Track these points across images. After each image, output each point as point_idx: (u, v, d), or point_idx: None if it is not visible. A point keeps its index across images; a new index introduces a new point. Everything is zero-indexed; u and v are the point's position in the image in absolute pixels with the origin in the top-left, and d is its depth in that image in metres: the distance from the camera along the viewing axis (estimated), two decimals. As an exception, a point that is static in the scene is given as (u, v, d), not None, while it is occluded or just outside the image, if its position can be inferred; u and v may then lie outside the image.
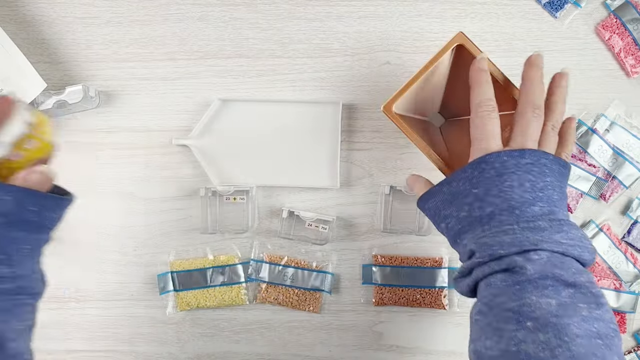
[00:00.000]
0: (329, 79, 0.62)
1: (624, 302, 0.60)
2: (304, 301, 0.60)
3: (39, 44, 0.62)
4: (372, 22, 0.62)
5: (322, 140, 0.60)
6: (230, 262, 0.61)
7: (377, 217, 0.61)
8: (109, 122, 0.62)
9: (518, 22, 0.62)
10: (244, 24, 0.62)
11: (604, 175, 0.61)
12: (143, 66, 0.62)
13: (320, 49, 0.62)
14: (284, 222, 0.60)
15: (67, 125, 0.62)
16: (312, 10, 0.62)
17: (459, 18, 0.62)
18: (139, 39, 0.62)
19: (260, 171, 0.61)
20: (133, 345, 0.61)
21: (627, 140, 0.61)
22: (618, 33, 0.61)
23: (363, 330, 0.61)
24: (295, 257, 0.61)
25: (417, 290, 0.60)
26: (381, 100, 0.61)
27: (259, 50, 0.62)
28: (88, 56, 0.62)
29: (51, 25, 0.62)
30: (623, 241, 0.61)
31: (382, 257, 0.60)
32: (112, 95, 0.62)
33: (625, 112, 0.61)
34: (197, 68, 0.62)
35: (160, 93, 0.62)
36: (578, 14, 0.62)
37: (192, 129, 0.61)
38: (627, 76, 0.61)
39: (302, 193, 0.61)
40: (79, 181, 0.61)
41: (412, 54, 0.62)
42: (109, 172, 0.62)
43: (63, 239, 0.61)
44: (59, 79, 0.62)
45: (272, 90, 0.62)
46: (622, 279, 0.60)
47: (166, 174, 0.62)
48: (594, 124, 0.61)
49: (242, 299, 0.61)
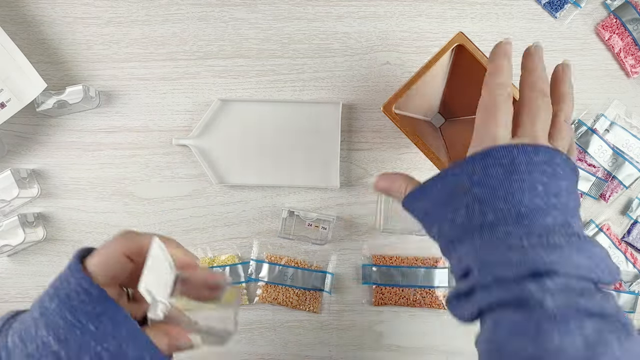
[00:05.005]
0: (329, 79, 0.62)
1: (624, 302, 0.60)
2: (304, 301, 0.60)
3: (39, 44, 0.62)
4: (372, 22, 0.62)
5: (322, 140, 0.60)
6: (230, 262, 0.61)
7: (377, 217, 0.61)
8: (109, 122, 0.62)
9: (518, 22, 0.62)
10: (244, 24, 0.62)
11: (604, 175, 0.61)
12: (143, 66, 0.62)
13: (320, 49, 0.62)
14: (284, 222, 0.60)
15: (67, 125, 0.62)
16: (312, 10, 0.62)
17: (459, 18, 0.62)
18: (139, 39, 0.62)
19: (260, 171, 0.61)
20: (133, 345, 0.61)
21: (627, 140, 0.61)
22: (618, 33, 0.61)
23: (363, 330, 0.61)
24: (295, 257, 0.61)
25: (417, 290, 0.60)
26: (381, 100, 0.61)
27: (259, 50, 0.62)
28: (88, 56, 0.62)
29: (51, 25, 0.62)
30: (623, 241, 0.61)
31: (382, 257, 0.60)
32: (112, 95, 0.62)
33: (625, 112, 0.61)
34: (197, 68, 0.62)
35: (160, 93, 0.62)
36: (578, 14, 0.62)
37: (192, 129, 0.61)
38: (627, 76, 0.62)
39: (302, 193, 0.61)
40: (79, 181, 0.62)
41: (412, 54, 0.62)
42: (109, 172, 0.62)
43: (64, 239, 0.61)
44: (59, 79, 0.62)
45: (272, 90, 0.62)
46: (622, 279, 0.60)
47: (166, 174, 0.62)
48: (593, 124, 0.61)
49: (242, 299, 0.61)
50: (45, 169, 0.62)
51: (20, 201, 0.60)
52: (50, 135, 0.62)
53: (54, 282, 0.32)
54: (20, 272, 0.61)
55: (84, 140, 0.62)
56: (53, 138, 0.62)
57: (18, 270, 0.61)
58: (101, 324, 0.31)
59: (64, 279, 0.32)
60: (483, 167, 0.32)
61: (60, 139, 0.62)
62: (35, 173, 0.61)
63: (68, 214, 0.61)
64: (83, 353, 0.30)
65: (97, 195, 0.62)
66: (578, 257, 0.30)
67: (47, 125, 0.62)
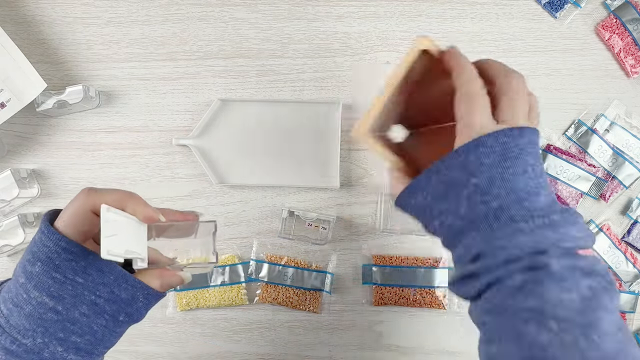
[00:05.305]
0: (329, 79, 0.62)
1: (624, 302, 0.60)
2: (304, 301, 0.60)
3: (39, 44, 0.62)
4: (372, 22, 0.62)
5: (322, 140, 0.60)
6: (230, 262, 0.61)
7: (377, 217, 0.61)
8: (109, 122, 0.62)
9: (518, 22, 0.62)
10: (244, 24, 0.62)
11: (604, 175, 0.61)
12: (143, 66, 0.62)
13: (320, 49, 0.62)
14: (284, 222, 0.60)
15: (67, 125, 0.62)
16: (312, 10, 0.62)
17: (459, 18, 0.62)
18: (139, 39, 0.62)
19: (261, 171, 0.61)
20: (133, 345, 0.61)
21: (627, 140, 0.61)
22: (618, 33, 0.61)
23: (363, 330, 0.61)
24: (295, 257, 0.61)
25: (417, 290, 0.60)
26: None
27: (259, 50, 0.62)
28: (88, 56, 0.62)
29: (51, 25, 0.62)
30: (623, 241, 0.61)
31: (382, 257, 0.60)
32: (112, 95, 0.62)
33: (625, 112, 0.61)
34: (197, 68, 0.62)
35: (160, 93, 0.62)
36: (578, 14, 0.62)
37: (192, 129, 0.61)
38: (627, 76, 0.61)
39: (302, 193, 0.61)
40: (79, 181, 0.62)
41: (412, 54, 0.62)
42: (109, 172, 0.62)
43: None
44: (59, 79, 0.62)
45: (272, 90, 0.62)
46: (622, 279, 0.60)
47: (166, 174, 0.62)
48: (593, 124, 0.61)
49: (242, 298, 0.61)
50: (45, 169, 0.62)
51: (20, 201, 0.60)
52: (50, 135, 0.62)
53: (30, 247, 0.34)
54: (20, 272, 0.61)
55: (84, 140, 0.62)
56: (53, 138, 0.62)
57: (18, 270, 0.62)
58: (89, 275, 0.34)
59: (40, 243, 0.34)
60: (477, 156, 0.33)
61: (60, 139, 0.62)
62: (35, 173, 0.61)
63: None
64: (79, 303, 0.34)
65: (97, 195, 0.61)
66: (574, 230, 0.33)
67: (47, 125, 0.62)
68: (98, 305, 0.34)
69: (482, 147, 0.33)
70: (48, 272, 0.33)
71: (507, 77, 0.36)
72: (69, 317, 0.33)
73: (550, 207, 0.33)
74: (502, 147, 0.33)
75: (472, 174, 0.33)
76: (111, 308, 0.35)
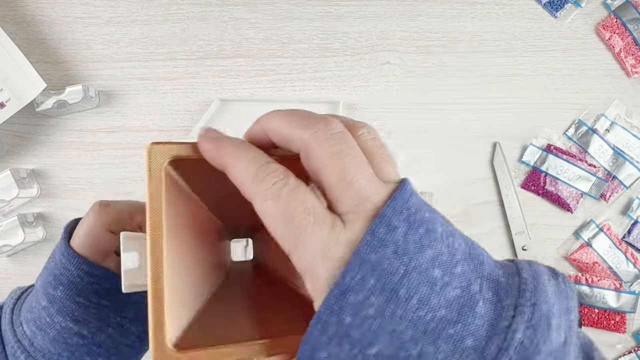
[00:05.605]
0: (329, 79, 0.62)
1: (624, 302, 0.60)
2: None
3: (39, 44, 0.62)
4: (372, 22, 0.62)
5: (322, 140, 0.60)
6: (230, 262, 0.61)
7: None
8: (108, 122, 0.62)
9: (518, 21, 0.62)
10: (244, 24, 0.62)
11: (604, 175, 0.61)
12: (143, 66, 0.62)
13: (320, 49, 0.62)
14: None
15: (67, 125, 0.62)
16: (312, 10, 0.62)
17: (459, 18, 0.62)
18: (139, 39, 0.62)
19: (260, 171, 0.61)
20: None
21: (627, 140, 0.61)
22: (618, 33, 0.61)
23: None
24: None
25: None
26: (382, 100, 0.61)
27: (259, 50, 0.62)
28: (88, 56, 0.62)
29: (51, 25, 0.62)
30: (623, 241, 0.61)
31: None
32: (112, 95, 0.62)
33: (625, 112, 0.61)
34: (197, 68, 0.62)
35: (160, 93, 0.62)
36: (578, 13, 0.62)
37: (192, 129, 0.61)
38: (627, 76, 0.61)
39: (302, 193, 0.61)
40: (79, 181, 0.61)
41: (412, 54, 0.62)
42: (109, 172, 0.62)
43: (63, 239, 0.61)
44: (59, 79, 0.62)
45: (272, 90, 0.62)
46: (622, 279, 0.60)
47: (166, 174, 0.62)
48: (594, 124, 0.61)
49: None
50: (44, 169, 0.62)
51: (20, 201, 0.60)
52: (49, 135, 0.62)
53: (51, 268, 0.33)
54: (20, 272, 0.61)
55: (84, 140, 0.62)
56: (53, 138, 0.62)
57: (18, 271, 0.61)
58: (113, 297, 0.32)
59: (62, 266, 0.32)
60: (342, 306, 0.19)
61: (60, 139, 0.62)
62: (34, 173, 0.61)
63: (67, 214, 0.61)
64: (104, 326, 0.32)
65: (96, 195, 0.61)
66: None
67: (46, 125, 0.62)
68: (124, 327, 0.33)
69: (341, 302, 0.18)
70: (71, 297, 0.32)
71: (332, 158, 0.21)
72: (94, 341, 0.32)
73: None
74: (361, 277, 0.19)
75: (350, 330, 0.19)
76: (137, 329, 0.34)
